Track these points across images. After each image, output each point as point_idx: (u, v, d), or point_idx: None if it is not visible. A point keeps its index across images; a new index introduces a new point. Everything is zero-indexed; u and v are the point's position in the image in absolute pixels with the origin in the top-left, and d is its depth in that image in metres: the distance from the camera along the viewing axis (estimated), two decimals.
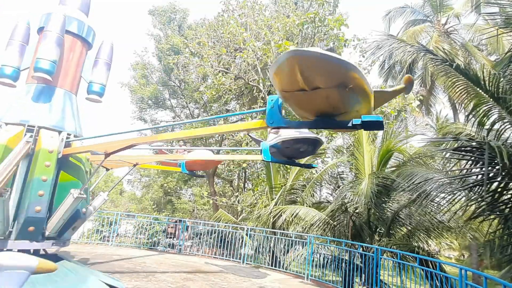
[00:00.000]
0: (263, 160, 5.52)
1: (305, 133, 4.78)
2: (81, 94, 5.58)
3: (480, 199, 5.90)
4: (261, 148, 5.52)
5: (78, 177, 4.90)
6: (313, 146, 4.80)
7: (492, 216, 6.06)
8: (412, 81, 3.76)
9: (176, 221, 15.19)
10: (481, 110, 6.73)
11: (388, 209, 10.06)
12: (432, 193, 7.53)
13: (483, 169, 5.34)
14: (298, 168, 12.25)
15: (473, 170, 6.18)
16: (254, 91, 16.82)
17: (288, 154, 5.21)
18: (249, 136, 6.64)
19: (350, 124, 2.96)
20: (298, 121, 3.32)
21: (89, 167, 5.38)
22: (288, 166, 13.67)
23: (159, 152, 7.69)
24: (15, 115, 4.66)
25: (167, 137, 5.10)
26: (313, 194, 12.65)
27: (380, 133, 13.21)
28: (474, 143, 5.94)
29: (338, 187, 13.20)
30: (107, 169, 7.18)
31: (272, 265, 10.22)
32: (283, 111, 3.36)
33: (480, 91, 6.73)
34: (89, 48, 5.66)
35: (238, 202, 16.37)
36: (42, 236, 4.43)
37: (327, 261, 9.74)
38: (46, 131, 4.60)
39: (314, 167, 5.62)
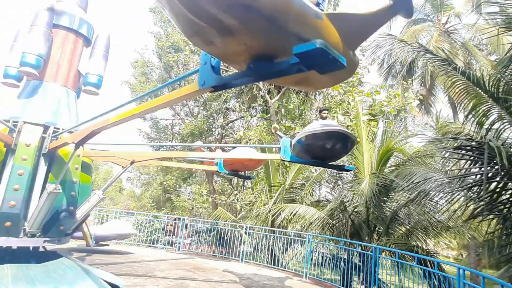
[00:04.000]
0: (282, 160, 4.57)
1: (330, 126, 3.78)
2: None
3: (479, 199, 5.90)
4: (279, 146, 4.59)
5: (91, 177, 5.04)
6: (342, 142, 3.77)
7: (490, 216, 6.07)
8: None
9: (175, 219, 15.18)
10: (481, 110, 6.73)
11: (387, 208, 10.07)
12: (431, 192, 7.55)
13: (482, 169, 5.35)
14: (297, 166, 12.15)
15: (472, 170, 6.18)
16: (254, 90, 16.82)
17: (317, 154, 4.22)
18: (275, 133, 5.56)
19: (287, 64, 1.88)
20: (231, 75, 2.44)
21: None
22: (288, 165, 13.50)
23: (197, 150, 7.51)
24: (4, 112, 4.67)
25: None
26: (312, 192, 12.66)
27: (379, 132, 13.22)
28: (473, 143, 5.94)
29: (338, 185, 13.20)
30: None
31: (270, 264, 10.23)
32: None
33: (480, 91, 6.73)
34: (88, 44, 5.63)
35: (237, 201, 16.40)
36: (23, 233, 4.21)
37: (325, 260, 9.75)
38: (29, 125, 4.47)
39: (350, 170, 4.67)
